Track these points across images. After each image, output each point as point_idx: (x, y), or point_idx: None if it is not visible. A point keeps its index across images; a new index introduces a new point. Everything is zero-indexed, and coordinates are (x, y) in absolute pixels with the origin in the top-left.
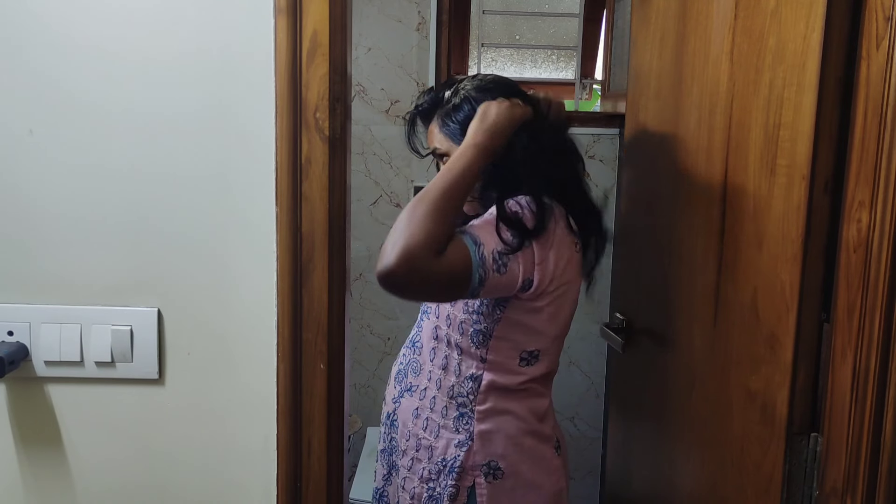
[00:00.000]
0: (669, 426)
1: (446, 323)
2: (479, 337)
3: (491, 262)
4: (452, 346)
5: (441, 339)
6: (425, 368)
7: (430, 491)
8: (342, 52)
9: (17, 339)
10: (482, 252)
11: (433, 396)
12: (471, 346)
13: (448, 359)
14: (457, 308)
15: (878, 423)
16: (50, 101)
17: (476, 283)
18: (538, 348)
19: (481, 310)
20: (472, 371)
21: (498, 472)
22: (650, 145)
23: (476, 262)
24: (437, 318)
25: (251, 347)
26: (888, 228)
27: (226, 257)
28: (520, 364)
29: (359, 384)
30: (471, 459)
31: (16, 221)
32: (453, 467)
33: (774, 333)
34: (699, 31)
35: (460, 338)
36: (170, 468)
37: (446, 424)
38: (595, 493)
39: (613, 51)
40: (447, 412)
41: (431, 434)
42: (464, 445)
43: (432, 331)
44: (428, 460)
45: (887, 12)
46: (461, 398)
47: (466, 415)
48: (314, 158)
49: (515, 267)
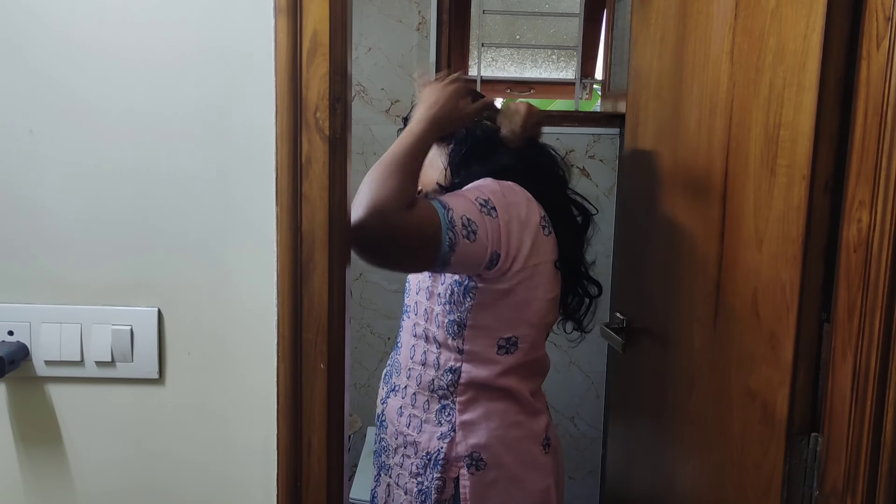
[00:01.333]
0: (669, 426)
1: (424, 318)
2: (454, 327)
3: (461, 227)
4: (431, 341)
5: (419, 336)
6: (405, 366)
7: (419, 485)
8: (342, 52)
9: (17, 339)
10: (451, 216)
11: (413, 393)
12: (448, 338)
13: (427, 354)
14: (432, 301)
15: (878, 423)
16: (50, 101)
17: (446, 247)
18: (515, 335)
19: (452, 299)
20: (451, 364)
21: (480, 462)
22: (650, 145)
23: (445, 224)
24: (415, 314)
25: (251, 347)
26: (888, 228)
27: (226, 257)
28: (497, 352)
29: (359, 384)
30: (454, 450)
31: (16, 221)
32: (437, 460)
33: (774, 333)
34: (699, 31)
35: (437, 330)
36: (170, 468)
37: (428, 418)
38: (595, 493)
39: (613, 51)
40: (429, 406)
41: (415, 430)
42: (446, 437)
43: (411, 328)
44: (414, 455)
45: (887, 12)
46: (442, 391)
47: (448, 406)
48: (314, 158)
49: (484, 236)
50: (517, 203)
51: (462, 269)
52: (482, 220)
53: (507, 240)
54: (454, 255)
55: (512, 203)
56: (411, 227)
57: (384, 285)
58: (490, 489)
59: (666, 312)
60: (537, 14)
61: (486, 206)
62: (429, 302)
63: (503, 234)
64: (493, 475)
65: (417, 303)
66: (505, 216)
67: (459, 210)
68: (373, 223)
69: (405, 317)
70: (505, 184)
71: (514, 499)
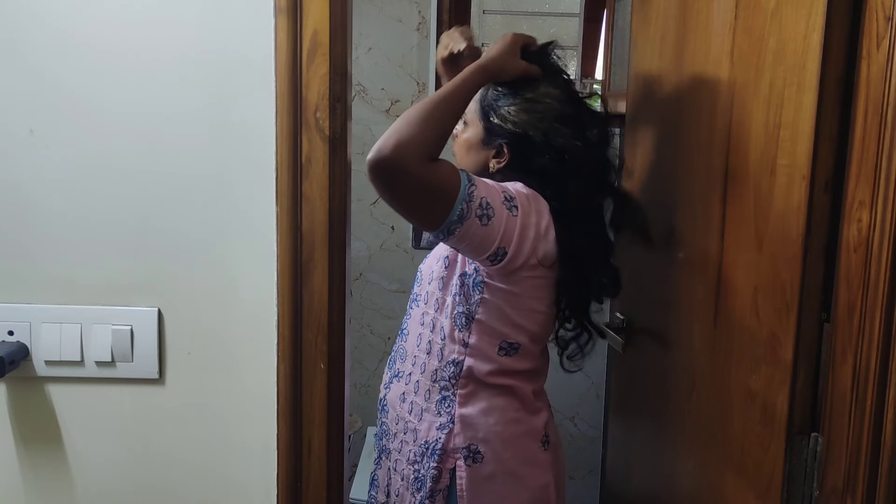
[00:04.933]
0: (669, 426)
1: (434, 307)
2: (461, 319)
3: (476, 206)
4: (437, 331)
5: (427, 325)
6: (411, 353)
7: (415, 473)
8: (342, 52)
9: (17, 339)
10: (472, 191)
11: (417, 381)
12: (454, 330)
13: (432, 343)
14: (445, 291)
15: (878, 423)
16: (51, 101)
17: (455, 216)
18: (518, 342)
19: (463, 290)
20: (455, 356)
21: (478, 455)
22: (650, 145)
23: (463, 193)
24: (425, 303)
25: (251, 347)
26: (888, 228)
27: (226, 257)
28: (499, 353)
29: (359, 384)
30: (451, 442)
31: (16, 221)
32: (435, 450)
33: (774, 333)
34: (699, 31)
35: (445, 321)
36: (170, 468)
37: (429, 408)
38: (595, 493)
39: (614, 50)
40: (430, 395)
41: (416, 417)
42: (445, 428)
43: (420, 317)
44: (413, 442)
45: (888, 12)
46: (443, 382)
47: (448, 398)
48: (314, 158)
49: (497, 226)
50: (541, 213)
51: (465, 249)
52: (502, 211)
53: (518, 241)
54: (460, 229)
55: (536, 211)
56: (427, 179)
57: (384, 285)
58: (487, 483)
59: (666, 312)
60: (537, 14)
61: (509, 202)
62: (441, 292)
63: (517, 234)
64: (491, 469)
65: (429, 292)
66: (525, 220)
67: (482, 191)
68: (393, 159)
69: (414, 305)
70: (534, 194)
71: (511, 494)
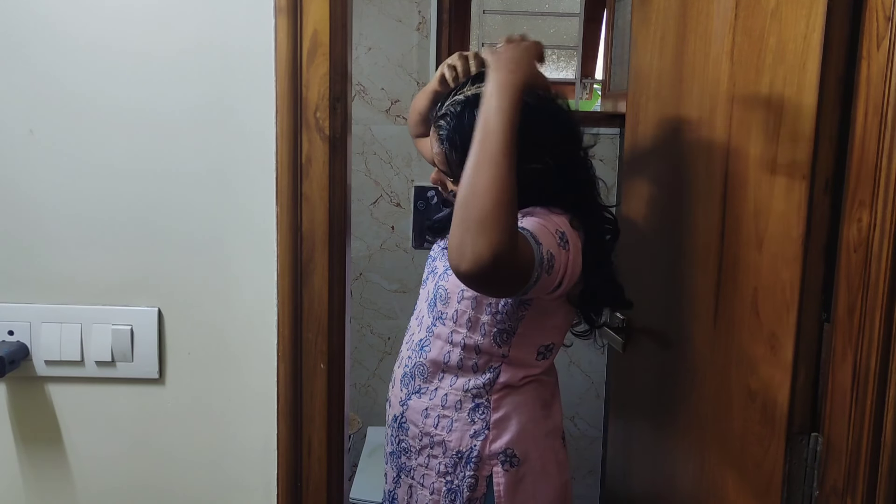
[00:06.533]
0: (669, 426)
1: (466, 326)
2: (502, 336)
3: (546, 263)
4: (471, 349)
5: (457, 344)
6: (435, 371)
7: (448, 484)
8: (342, 52)
9: (17, 339)
10: (541, 252)
11: (445, 394)
12: (492, 346)
13: (463, 359)
14: (479, 310)
15: (878, 423)
16: (51, 100)
17: (532, 280)
18: (553, 342)
19: (505, 310)
20: (491, 368)
21: (514, 459)
22: (650, 145)
23: (538, 261)
24: (454, 322)
25: (251, 347)
26: (888, 228)
27: (226, 257)
28: (537, 358)
29: (359, 384)
30: (487, 448)
31: (16, 220)
32: (470, 458)
33: (775, 333)
34: (699, 30)
35: (482, 339)
36: (170, 468)
37: (461, 417)
38: (595, 493)
39: (614, 50)
40: (461, 405)
41: (444, 430)
42: (480, 434)
43: (448, 335)
44: (443, 454)
45: (888, 12)
46: (476, 390)
47: (482, 405)
48: (314, 158)
49: (559, 268)
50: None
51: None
52: (559, 253)
53: (572, 271)
54: (535, 288)
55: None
56: (514, 267)
57: (384, 285)
58: (520, 484)
59: (666, 312)
60: (537, 14)
61: (562, 240)
62: (474, 311)
63: (570, 266)
64: (524, 470)
65: (458, 311)
66: (575, 253)
67: (546, 245)
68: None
69: (438, 322)
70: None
71: (540, 494)
